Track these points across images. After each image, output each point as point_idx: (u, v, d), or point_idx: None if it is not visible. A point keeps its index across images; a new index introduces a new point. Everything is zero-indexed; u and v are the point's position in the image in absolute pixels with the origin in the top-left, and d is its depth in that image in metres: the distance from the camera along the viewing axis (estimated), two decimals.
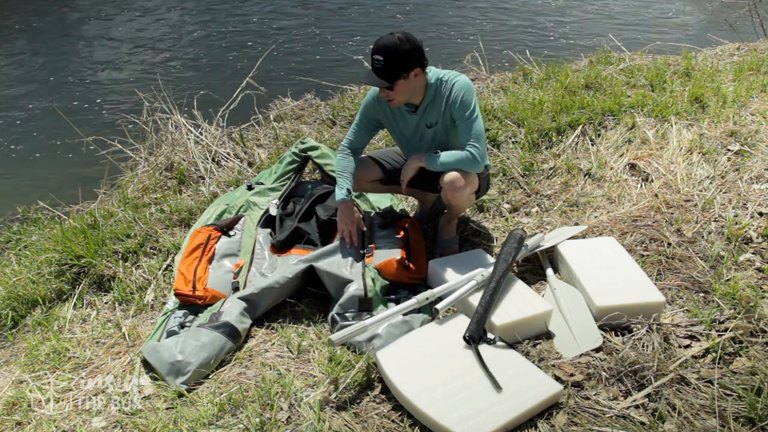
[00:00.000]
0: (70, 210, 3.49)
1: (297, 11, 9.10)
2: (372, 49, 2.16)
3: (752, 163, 3.00)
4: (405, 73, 2.16)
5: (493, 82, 4.43)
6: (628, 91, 3.92)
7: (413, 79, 2.20)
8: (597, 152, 3.30)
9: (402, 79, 2.16)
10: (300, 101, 4.39)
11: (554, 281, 2.28)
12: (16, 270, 2.84)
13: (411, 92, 2.26)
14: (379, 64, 2.13)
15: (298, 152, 3.06)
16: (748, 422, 1.63)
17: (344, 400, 1.80)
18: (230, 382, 1.94)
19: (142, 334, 2.31)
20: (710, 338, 1.94)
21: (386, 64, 2.13)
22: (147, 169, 3.67)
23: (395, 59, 2.12)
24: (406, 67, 2.15)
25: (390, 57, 2.12)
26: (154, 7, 9.57)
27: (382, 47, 2.12)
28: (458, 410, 1.63)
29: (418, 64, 2.18)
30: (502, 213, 2.96)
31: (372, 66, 2.17)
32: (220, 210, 2.83)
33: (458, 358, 1.85)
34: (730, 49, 5.05)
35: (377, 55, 2.13)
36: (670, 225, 2.62)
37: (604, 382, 1.81)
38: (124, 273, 2.64)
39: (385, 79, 2.15)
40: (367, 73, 2.19)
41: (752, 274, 2.26)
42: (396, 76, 2.15)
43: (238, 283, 2.39)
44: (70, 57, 7.64)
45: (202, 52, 7.54)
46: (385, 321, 2.01)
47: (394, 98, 2.24)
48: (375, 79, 2.16)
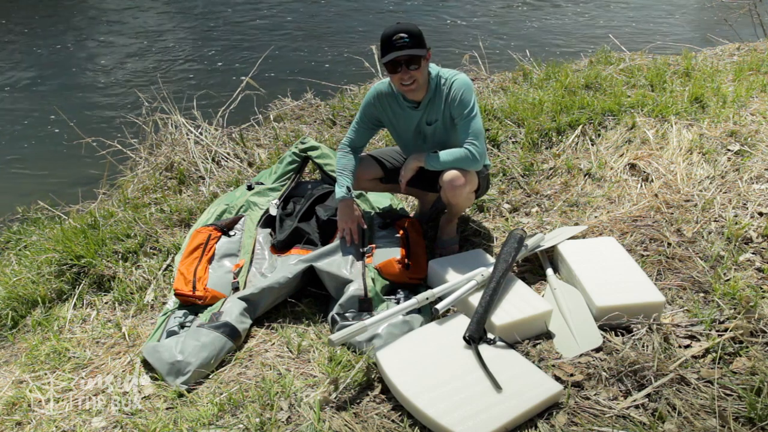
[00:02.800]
0: (70, 210, 3.49)
1: (297, 11, 9.10)
2: (387, 34, 2.18)
3: (752, 163, 3.00)
4: (426, 50, 2.21)
5: (493, 82, 4.43)
6: (628, 91, 3.92)
7: (426, 62, 2.24)
8: (597, 152, 3.30)
9: (424, 59, 2.21)
10: (300, 101, 4.39)
11: (554, 281, 2.28)
12: (16, 270, 2.84)
13: (426, 77, 2.28)
14: (405, 41, 2.16)
15: (298, 152, 3.06)
16: (748, 422, 1.63)
17: (344, 400, 1.80)
18: (230, 382, 1.94)
19: (142, 334, 2.31)
20: (710, 338, 1.94)
21: (412, 38, 2.17)
22: (147, 169, 3.67)
23: (419, 34, 2.18)
24: (425, 45, 2.21)
25: (413, 33, 2.17)
26: (155, 7, 9.58)
27: (404, 28, 2.18)
28: (458, 410, 1.63)
29: (428, 47, 2.24)
30: (502, 213, 2.96)
31: (393, 48, 2.16)
32: (220, 210, 2.83)
33: (458, 358, 1.85)
34: (730, 49, 5.05)
35: (401, 33, 2.16)
36: (670, 225, 2.62)
37: (604, 382, 1.81)
38: (124, 273, 2.64)
39: (420, 47, 2.18)
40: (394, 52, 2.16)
41: (752, 274, 2.26)
42: (424, 45, 2.20)
43: (238, 283, 2.39)
44: (71, 57, 7.64)
45: (202, 52, 7.55)
46: (385, 321, 2.01)
47: (417, 78, 2.23)
48: (408, 51, 2.16)
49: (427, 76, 2.28)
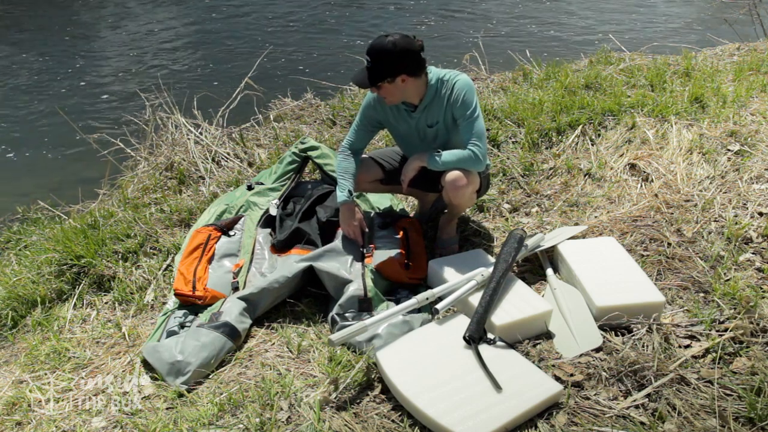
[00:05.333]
0: (70, 210, 3.48)
1: (297, 11, 9.10)
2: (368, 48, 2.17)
3: (752, 163, 3.00)
4: (390, 78, 2.16)
5: (493, 82, 4.43)
6: (628, 91, 3.92)
7: (400, 84, 2.19)
8: (597, 152, 3.30)
9: (386, 82, 2.17)
10: (300, 101, 4.39)
11: (554, 281, 2.28)
12: (16, 270, 2.84)
13: (401, 94, 2.26)
14: (368, 65, 2.16)
15: (298, 152, 3.05)
16: (748, 422, 1.63)
17: (344, 400, 1.80)
18: (230, 382, 1.94)
19: (142, 334, 2.31)
20: (710, 338, 1.94)
21: (373, 65, 2.15)
22: (147, 169, 3.66)
23: (383, 62, 2.13)
24: (391, 73, 2.15)
25: (378, 59, 2.13)
26: (155, 7, 9.58)
27: (372, 48, 2.14)
28: (458, 410, 1.63)
29: (405, 71, 2.16)
30: (502, 213, 2.96)
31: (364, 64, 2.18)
32: (220, 210, 2.83)
33: (458, 358, 1.85)
34: (730, 49, 5.05)
35: (367, 55, 2.15)
36: (670, 225, 2.62)
37: (604, 382, 1.81)
38: (124, 273, 2.64)
39: (369, 81, 2.17)
40: (359, 70, 2.20)
41: (752, 274, 2.26)
42: (380, 78, 2.16)
43: (238, 283, 2.39)
44: (71, 56, 7.64)
45: (202, 52, 7.55)
46: (385, 321, 2.01)
47: (385, 97, 2.26)
48: (360, 78, 2.18)
49: (401, 91, 2.23)
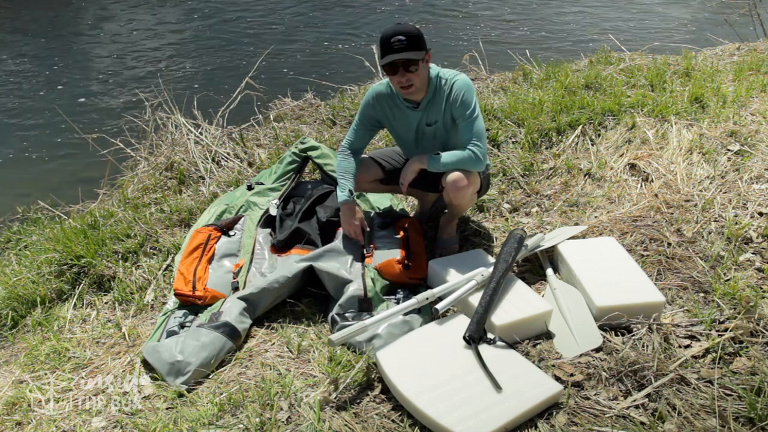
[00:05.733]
0: (70, 210, 3.48)
1: (297, 11, 9.10)
2: (385, 36, 2.16)
3: (752, 163, 3.00)
4: (425, 52, 2.19)
5: (493, 82, 4.43)
6: (628, 91, 3.92)
7: (425, 64, 2.23)
8: (597, 152, 3.30)
9: (426, 55, 2.20)
10: (300, 101, 4.39)
11: (554, 281, 2.28)
12: (16, 270, 2.84)
13: (425, 78, 2.27)
14: (402, 44, 2.14)
15: (298, 152, 3.05)
16: (748, 422, 1.63)
17: (344, 400, 1.80)
18: (230, 382, 1.94)
19: (142, 334, 2.31)
20: (710, 338, 1.94)
21: (410, 41, 2.15)
22: (147, 169, 3.66)
23: (417, 37, 2.16)
24: (424, 47, 2.19)
25: (412, 35, 2.16)
26: (155, 7, 9.58)
27: (402, 30, 2.16)
28: (458, 410, 1.63)
29: (428, 48, 2.22)
30: (502, 213, 2.96)
31: (391, 50, 2.15)
32: (220, 210, 2.83)
33: (458, 358, 1.85)
34: (730, 49, 5.05)
35: (399, 35, 2.14)
36: (670, 225, 2.62)
37: (604, 382, 1.81)
38: (124, 273, 2.64)
39: (418, 49, 2.16)
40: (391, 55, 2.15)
41: (752, 274, 2.26)
42: (423, 47, 2.18)
43: (238, 283, 2.39)
44: (71, 56, 7.65)
45: (202, 52, 7.55)
46: (385, 321, 2.01)
47: (414, 82, 2.22)
48: (405, 54, 2.15)
49: (426, 77, 2.27)
